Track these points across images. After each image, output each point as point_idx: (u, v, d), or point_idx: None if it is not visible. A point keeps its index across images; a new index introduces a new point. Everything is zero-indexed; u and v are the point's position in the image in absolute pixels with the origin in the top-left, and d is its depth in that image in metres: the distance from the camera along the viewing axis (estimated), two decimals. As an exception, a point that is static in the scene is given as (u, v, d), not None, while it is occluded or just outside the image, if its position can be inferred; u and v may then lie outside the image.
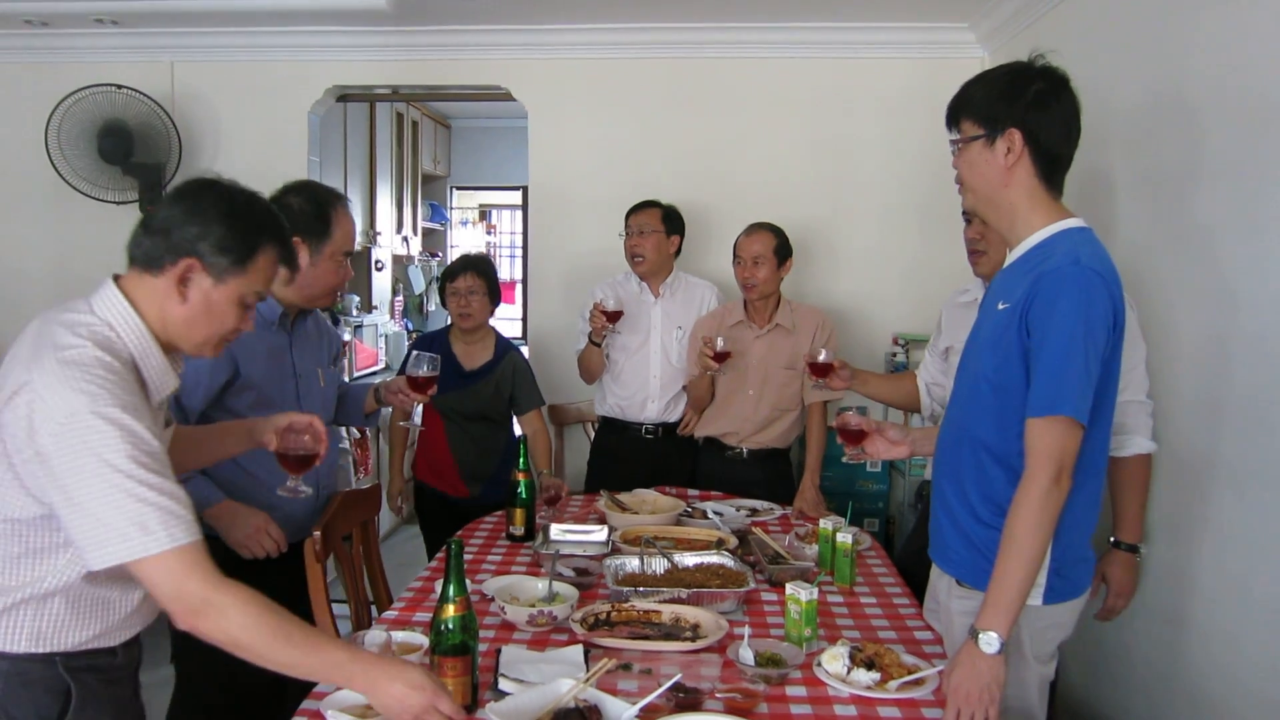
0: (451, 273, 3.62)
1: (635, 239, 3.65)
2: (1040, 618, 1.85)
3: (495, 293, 3.63)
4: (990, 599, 1.75)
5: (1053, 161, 1.84)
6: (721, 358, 3.23)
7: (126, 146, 4.19)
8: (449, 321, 3.72)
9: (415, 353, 2.66)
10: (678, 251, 3.75)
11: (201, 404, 2.31)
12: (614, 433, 3.78)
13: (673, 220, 3.70)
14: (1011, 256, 1.90)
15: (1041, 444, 1.73)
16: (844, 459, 2.35)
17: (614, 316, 3.46)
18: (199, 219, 1.61)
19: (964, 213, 2.61)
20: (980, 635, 1.74)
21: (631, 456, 3.68)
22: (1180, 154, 2.46)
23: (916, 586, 2.41)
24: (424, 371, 2.62)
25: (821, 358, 2.74)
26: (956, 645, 1.86)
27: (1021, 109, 1.81)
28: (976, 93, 1.88)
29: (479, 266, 3.61)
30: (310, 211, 2.41)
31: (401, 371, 2.87)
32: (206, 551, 1.50)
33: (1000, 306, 1.85)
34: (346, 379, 5.45)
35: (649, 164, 4.29)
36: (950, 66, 4.10)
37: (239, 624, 1.46)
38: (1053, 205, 1.86)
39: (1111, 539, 2.37)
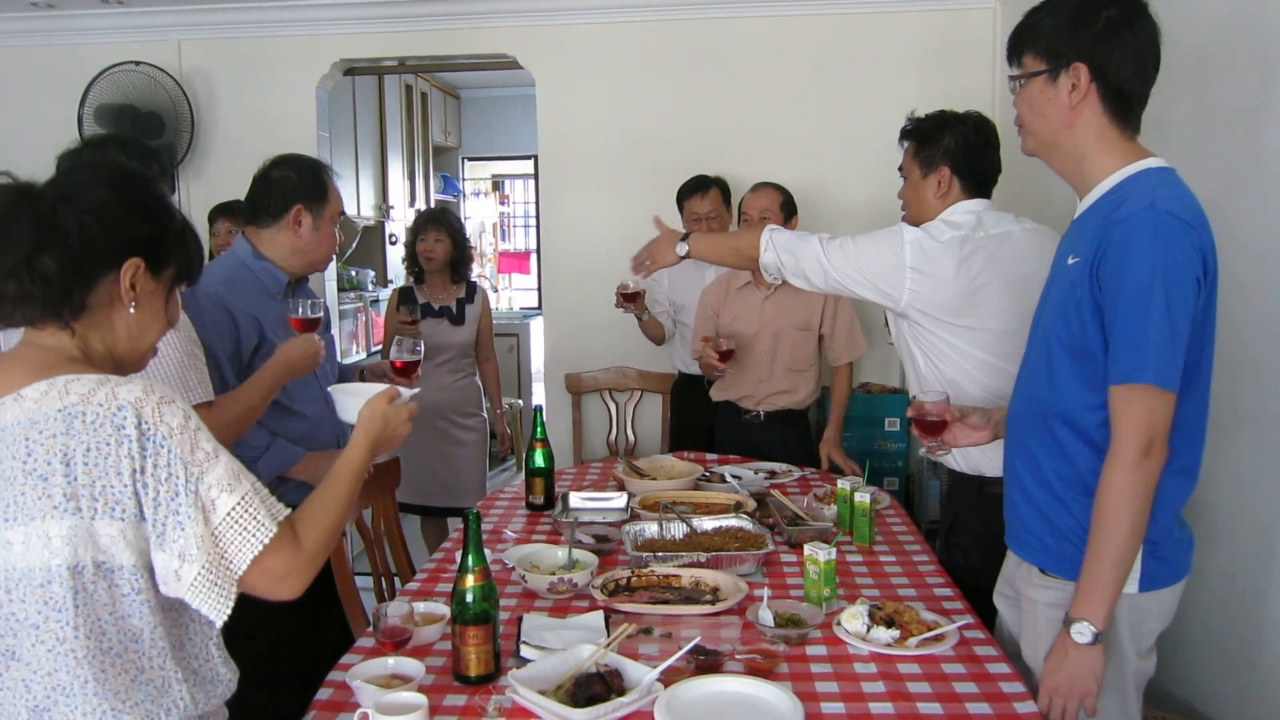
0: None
1: (709, 225, 3.58)
2: (1137, 607, 1.67)
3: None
4: (1082, 586, 1.62)
5: (1125, 100, 1.66)
6: (726, 356, 3.23)
7: (157, 127, 4.22)
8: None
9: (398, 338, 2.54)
10: None
11: (235, 375, 2.36)
12: (690, 390, 3.82)
13: (728, 195, 3.71)
14: (1082, 206, 1.72)
15: (1126, 414, 1.56)
16: (922, 453, 2.10)
17: (633, 297, 3.51)
18: None
19: (899, 168, 2.44)
20: (1073, 625, 1.61)
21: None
22: (1249, 87, 2.25)
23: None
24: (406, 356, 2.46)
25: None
26: (1040, 637, 1.75)
27: (1089, 40, 1.63)
28: (1041, 22, 1.69)
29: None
30: (308, 179, 2.48)
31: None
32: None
33: (1070, 261, 1.67)
34: (365, 352, 5.49)
35: (658, 128, 4.25)
36: (959, 19, 4.06)
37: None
38: (1127, 145, 1.68)
39: None
